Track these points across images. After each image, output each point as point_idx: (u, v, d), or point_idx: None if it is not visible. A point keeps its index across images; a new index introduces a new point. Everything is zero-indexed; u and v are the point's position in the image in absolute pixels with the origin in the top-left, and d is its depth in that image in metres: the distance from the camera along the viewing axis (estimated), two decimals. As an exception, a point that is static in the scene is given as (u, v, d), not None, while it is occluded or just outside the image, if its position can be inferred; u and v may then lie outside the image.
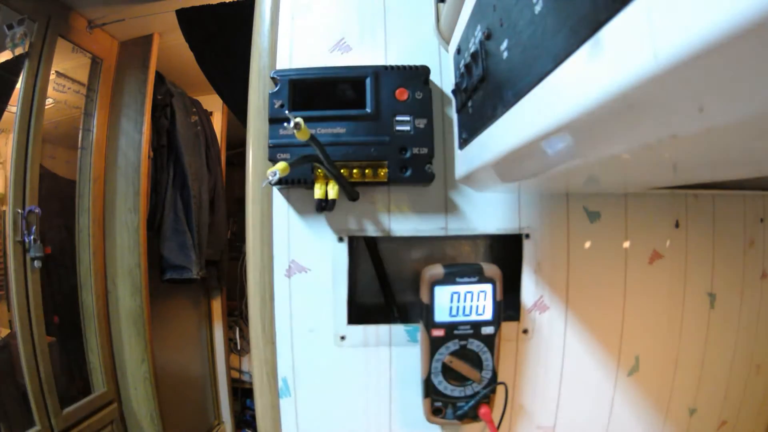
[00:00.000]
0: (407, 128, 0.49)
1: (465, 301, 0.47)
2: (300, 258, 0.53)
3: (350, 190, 0.49)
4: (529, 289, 0.53)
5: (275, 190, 0.53)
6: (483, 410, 0.48)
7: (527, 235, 0.53)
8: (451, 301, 0.47)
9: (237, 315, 2.21)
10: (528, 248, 0.53)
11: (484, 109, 0.35)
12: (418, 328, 0.51)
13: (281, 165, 0.39)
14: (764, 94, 0.13)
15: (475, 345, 0.48)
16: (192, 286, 1.76)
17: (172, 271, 1.57)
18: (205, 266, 1.68)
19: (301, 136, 0.40)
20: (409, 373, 0.53)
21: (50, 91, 1.26)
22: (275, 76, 0.50)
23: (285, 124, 0.40)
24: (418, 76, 0.49)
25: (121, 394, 1.50)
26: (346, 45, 0.54)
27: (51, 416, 1.20)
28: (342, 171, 0.48)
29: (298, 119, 0.38)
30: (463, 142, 0.44)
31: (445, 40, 0.50)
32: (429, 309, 0.47)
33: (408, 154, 0.49)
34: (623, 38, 0.16)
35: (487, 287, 0.47)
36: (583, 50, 0.18)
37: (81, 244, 1.42)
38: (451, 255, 0.59)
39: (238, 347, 2.21)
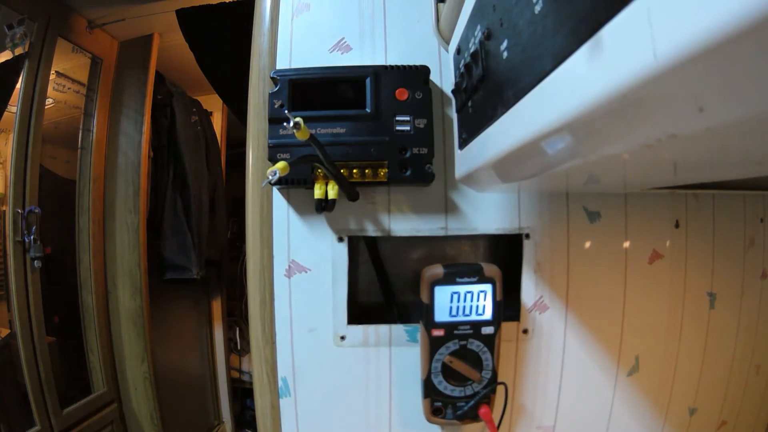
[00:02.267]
0: (407, 128, 0.49)
1: (465, 301, 0.47)
2: (300, 258, 0.53)
3: (350, 190, 0.49)
4: (529, 289, 0.53)
5: (275, 190, 0.53)
6: (483, 410, 0.48)
7: (527, 235, 0.53)
8: (451, 301, 0.47)
9: (237, 315, 2.21)
10: (528, 248, 0.53)
11: (484, 109, 0.35)
12: (418, 328, 0.51)
13: (281, 164, 0.39)
14: (764, 94, 0.13)
15: (475, 345, 0.48)
16: (192, 286, 1.76)
17: (173, 271, 1.57)
18: (205, 266, 1.67)
19: (301, 136, 0.40)
20: (409, 373, 0.53)
21: (50, 91, 1.26)
22: (275, 76, 0.50)
23: (285, 123, 0.40)
24: (418, 76, 0.49)
25: (121, 394, 1.50)
26: (346, 45, 0.54)
27: (51, 416, 1.20)
28: (342, 171, 0.48)
29: (298, 119, 0.38)
30: (463, 142, 0.44)
31: (445, 40, 0.50)
32: (429, 309, 0.47)
33: (408, 154, 0.49)
34: (623, 38, 0.16)
35: (487, 287, 0.47)
36: (583, 50, 0.18)
37: (81, 244, 1.42)
38: (451, 255, 0.59)
39: (238, 347, 2.21)
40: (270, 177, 0.38)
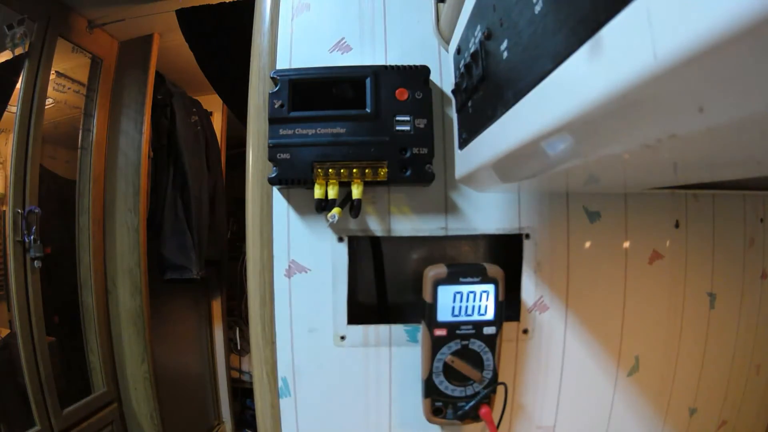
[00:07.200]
0: (407, 128, 0.49)
1: (467, 301, 0.47)
2: (300, 258, 0.53)
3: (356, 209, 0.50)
4: (529, 289, 0.53)
5: (275, 190, 0.53)
6: (483, 410, 0.48)
7: (527, 235, 0.53)
8: (454, 300, 0.47)
9: (237, 315, 2.21)
10: (528, 248, 0.53)
11: (484, 109, 0.35)
12: (419, 328, 0.51)
13: (336, 210, 0.47)
14: (764, 94, 0.13)
15: (476, 345, 0.48)
16: (192, 286, 1.76)
17: (173, 271, 1.57)
18: (205, 266, 1.67)
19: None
20: (409, 373, 0.53)
21: (50, 91, 1.26)
22: (275, 76, 0.50)
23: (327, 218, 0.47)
24: (418, 76, 0.49)
25: (121, 394, 1.50)
26: (346, 45, 0.54)
27: (51, 416, 1.20)
28: (342, 171, 0.48)
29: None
30: (463, 142, 0.44)
31: (445, 40, 0.50)
32: (432, 308, 0.47)
33: (408, 154, 0.49)
34: (623, 38, 0.16)
35: (490, 287, 0.47)
36: (583, 50, 0.18)
37: (81, 244, 1.41)
38: (451, 255, 0.59)
39: (238, 347, 2.20)
40: (331, 219, 0.46)
